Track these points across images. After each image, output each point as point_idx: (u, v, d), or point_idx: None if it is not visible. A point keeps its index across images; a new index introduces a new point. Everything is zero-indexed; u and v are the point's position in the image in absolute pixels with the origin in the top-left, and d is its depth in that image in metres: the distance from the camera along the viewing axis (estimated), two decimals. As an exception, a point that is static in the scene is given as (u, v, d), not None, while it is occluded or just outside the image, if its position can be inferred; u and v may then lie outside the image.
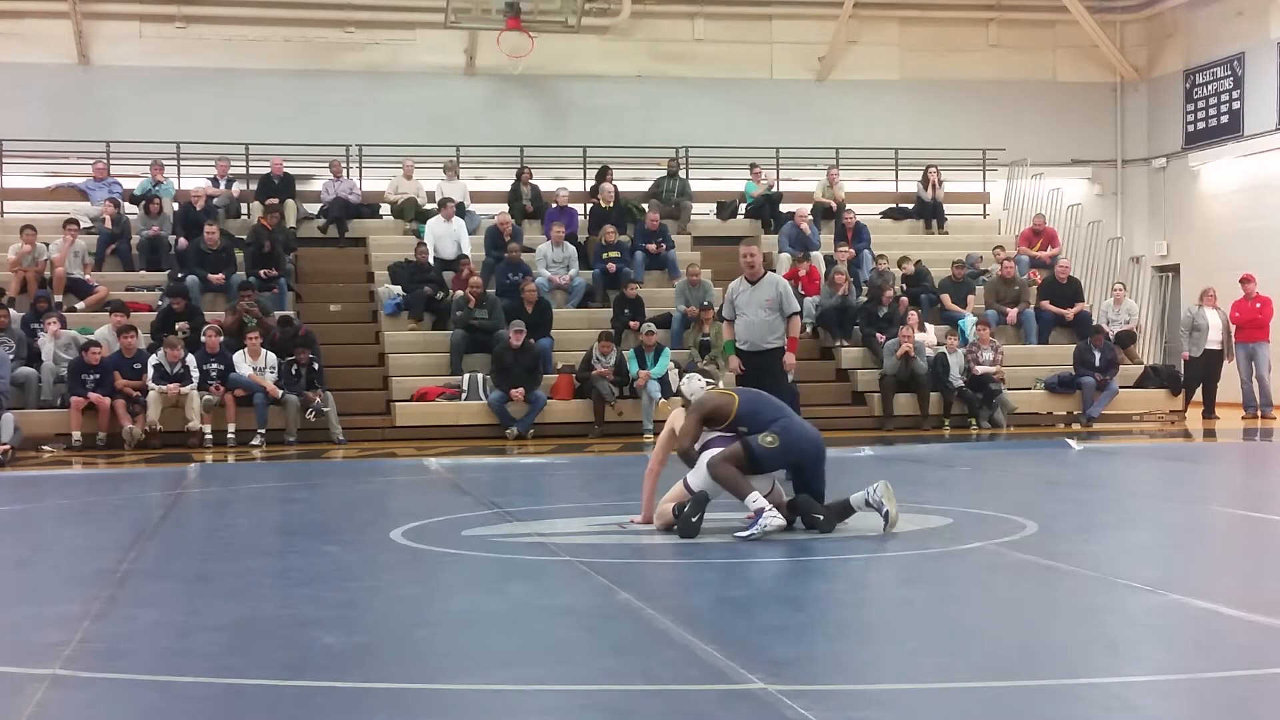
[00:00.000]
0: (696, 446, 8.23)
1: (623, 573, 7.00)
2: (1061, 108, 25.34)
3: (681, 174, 22.53)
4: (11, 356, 16.44)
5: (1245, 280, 20.04)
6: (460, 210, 20.94)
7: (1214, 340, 19.72)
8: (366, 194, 21.99)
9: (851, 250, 20.82)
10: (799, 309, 11.41)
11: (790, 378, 11.28)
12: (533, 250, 20.36)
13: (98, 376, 16.21)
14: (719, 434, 8.24)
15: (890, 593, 6.66)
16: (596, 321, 19.16)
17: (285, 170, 21.27)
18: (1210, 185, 24.46)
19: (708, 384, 8.58)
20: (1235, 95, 23.63)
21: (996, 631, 5.65)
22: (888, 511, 8.03)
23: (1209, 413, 19.61)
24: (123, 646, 5.44)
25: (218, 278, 18.87)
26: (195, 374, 16.56)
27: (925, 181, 23.09)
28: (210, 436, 16.48)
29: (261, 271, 19.10)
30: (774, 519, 7.81)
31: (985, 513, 9.06)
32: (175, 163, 21.56)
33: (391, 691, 4.69)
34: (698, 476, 8.11)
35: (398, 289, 19.38)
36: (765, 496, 7.92)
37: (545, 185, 22.08)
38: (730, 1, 24.73)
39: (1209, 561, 7.71)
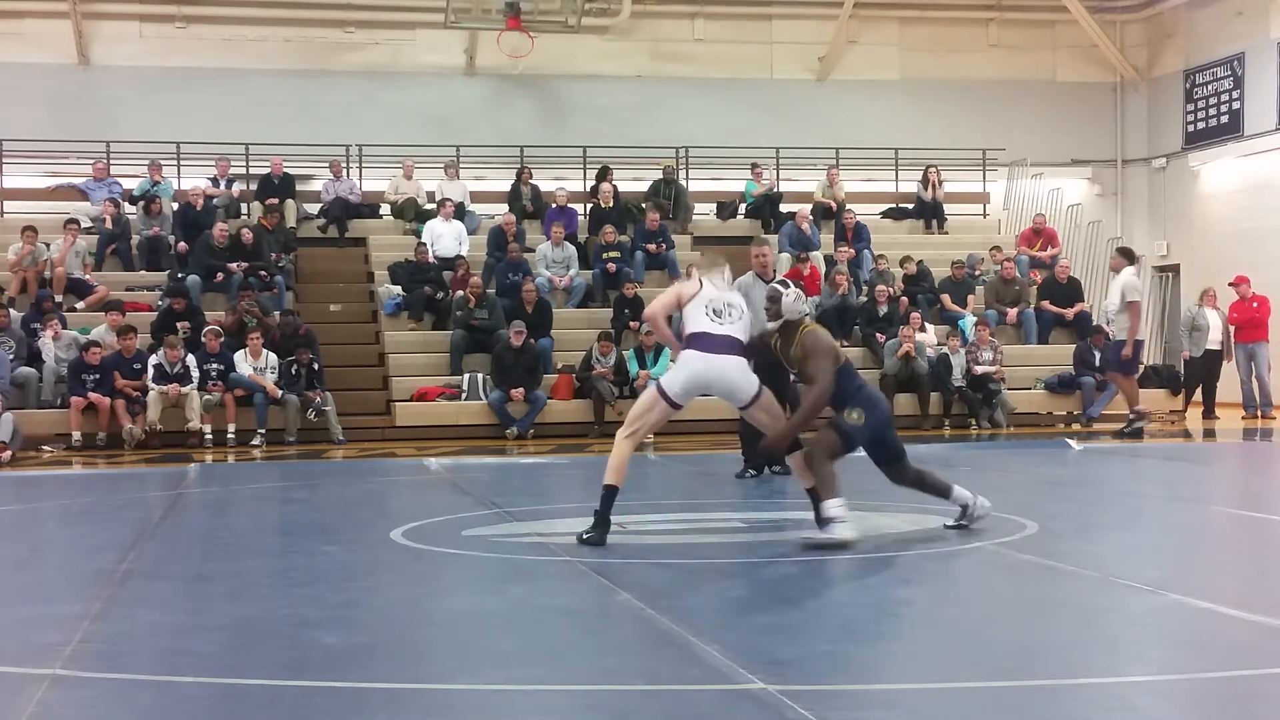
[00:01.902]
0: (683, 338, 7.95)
1: (623, 573, 7.00)
2: (1061, 108, 25.33)
3: (680, 175, 22.52)
4: (11, 356, 16.45)
5: (1237, 282, 20.03)
6: (460, 210, 20.95)
7: (1214, 340, 19.72)
8: (366, 194, 21.98)
9: (851, 250, 20.82)
10: None
11: (792, 377, 11.31)
12: (533, 250, 20.36)
13: (98, 376, 16.21)
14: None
15: (890, 593, 6.65)
16: (596, 321, 19.16)
17: (285, 170, 21.27)
18: (1210, 185, 24.45)
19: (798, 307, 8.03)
20: (1235, 95, 23.63)
21: (996, 631, 5.65)
22: (963, 523, 8.03)
23: (1209, 413, 19.61)
24: (123, 646, 5.44)
25: (235, 266, 18.84)
26: (195, 374, 16.56)
27: (925, 181, 23.09)
28: (210, 436, 16.47)
29: (239, 264, 19.05)
30: (844, 531, 7.48)
31: (985, 513, 9.05)
32: (175, 163, 21.57)
33: (391, 691, 4.69)
34: (678, 380, 7.82)
35: (398, 289, 19.38)
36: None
37: (545, 185, 22.08)
38: (730, 1, 24.73)
39: (1209, 561, 7.71)
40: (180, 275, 18.82)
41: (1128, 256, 16.54)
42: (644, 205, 21.60)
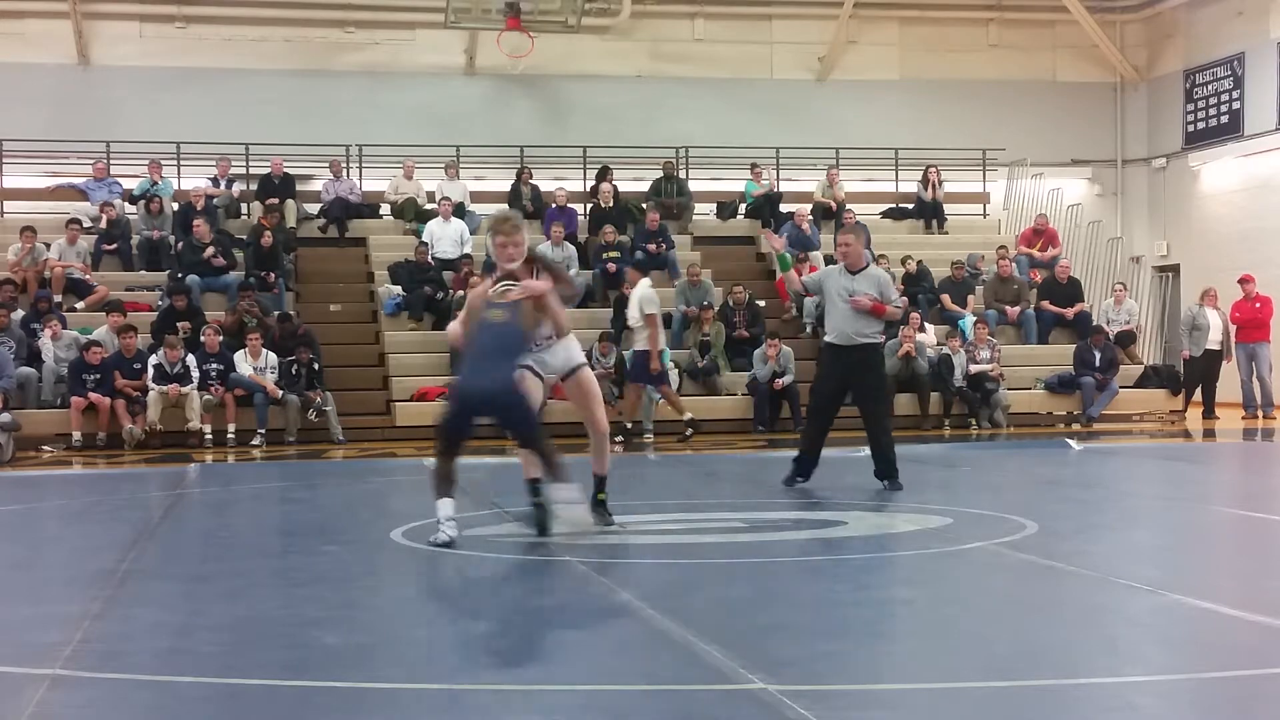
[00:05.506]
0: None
1: (623, 573, 7.00)
2: (1061, 108, 25.33)
3: (680, 174, 22.53)
4: (12, 356, 16.44)
5: (1244, 281, 20.05)
6: (460, 210, 20.95)
7: (1214, 340, 19.71)
8: (366, 194, 21.99)
9: (852, 250, 20.78)
10: (898, 305, 11.31)
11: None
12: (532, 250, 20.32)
13: (98, 376, 16.21)
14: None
15: (890, 593, 6.65)
16: (596, 321, 19.14)
17: (285, 170, 21.27)
18: (1210, 185, 24.45)
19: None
20: (1235, 95, 23.62)
21: (996, 631, 5.65)
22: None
23: (1209, 413, 19.61)
24: (123, 646, 5.43)
25: (203, 246, 18.88)
26: (195, 374, 16.56)
27: (925, 181, 23.09)
28: (210, 436, 16.47)
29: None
30: (444, 534, 7.64)
31: (985, 513, 9.05)
32: (175, 163, 21.57)
33: (391, 691, 4.69)
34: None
35: (398, 289, 19.39)
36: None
37: (545, 185, 22.08)
38: (730, 1, 24.72)
39: (1209, 561, 7.71)
40: (180, 275, 18.82)
41: (641, 270, 17.52)
42: (644, 205, 21.61)
